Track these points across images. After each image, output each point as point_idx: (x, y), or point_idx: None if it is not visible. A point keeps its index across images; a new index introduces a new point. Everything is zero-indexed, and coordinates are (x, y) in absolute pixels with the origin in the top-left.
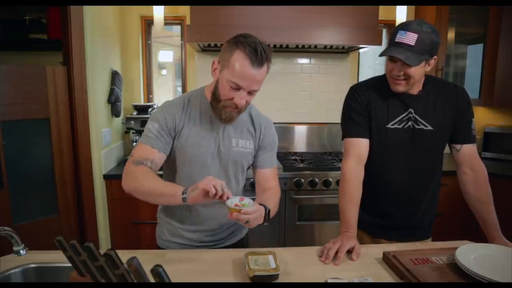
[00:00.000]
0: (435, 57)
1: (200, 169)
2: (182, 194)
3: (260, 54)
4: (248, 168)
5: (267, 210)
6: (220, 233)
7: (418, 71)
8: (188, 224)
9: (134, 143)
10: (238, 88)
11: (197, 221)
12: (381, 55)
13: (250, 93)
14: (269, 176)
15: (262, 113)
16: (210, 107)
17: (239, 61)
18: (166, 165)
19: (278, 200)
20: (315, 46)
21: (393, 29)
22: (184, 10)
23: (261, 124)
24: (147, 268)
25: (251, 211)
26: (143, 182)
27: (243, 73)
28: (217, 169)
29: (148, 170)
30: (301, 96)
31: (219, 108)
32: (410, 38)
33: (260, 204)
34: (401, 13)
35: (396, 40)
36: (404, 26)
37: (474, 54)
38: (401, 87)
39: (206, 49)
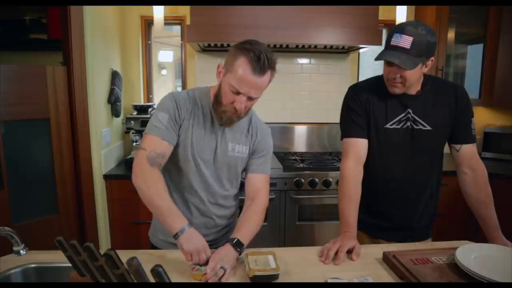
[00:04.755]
0: (432, 58)
1: (195, 167)
2: (176, 234)
3: (263, 62)
4: (242, 172)
5: (239, 249)
6: (219, 231)
7: (415, 74)
8: None
9: (134, 143)
10: (237, 92)
11: (196, 222)
12: (376, 59)
13: (250, 98)
14: (259, 183)
15: (262, 121)
16: (212, 108)
17: (242, 66)
18: None
19: (263, 214)
20: (315, 46)
21: (389, 31)
22: (184, 10)
23: (258, 130)
24: (147, 268)
25: (208, 277)
26: (156, 196)
27: (243, 79)
28: (210, 171)
29: (161, 179)
30: (301, 96)
31: (220, 112)
32: (405, 41)
33: (227, 242)
34: (401, 13)
35: (391, 44)
36: (400, 29)
37: (474, 54)
38: (398, 90)
39: (206, 49)
